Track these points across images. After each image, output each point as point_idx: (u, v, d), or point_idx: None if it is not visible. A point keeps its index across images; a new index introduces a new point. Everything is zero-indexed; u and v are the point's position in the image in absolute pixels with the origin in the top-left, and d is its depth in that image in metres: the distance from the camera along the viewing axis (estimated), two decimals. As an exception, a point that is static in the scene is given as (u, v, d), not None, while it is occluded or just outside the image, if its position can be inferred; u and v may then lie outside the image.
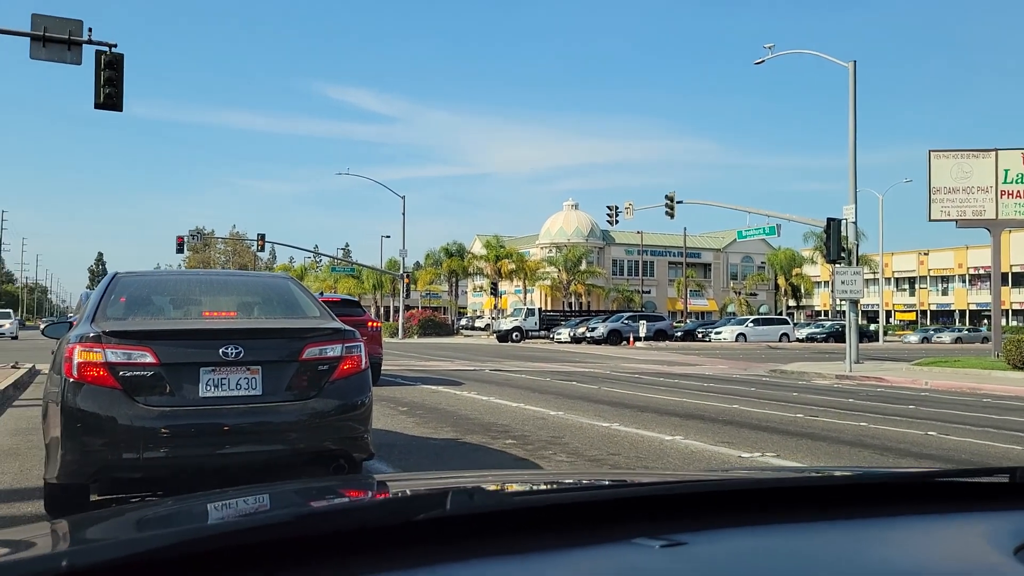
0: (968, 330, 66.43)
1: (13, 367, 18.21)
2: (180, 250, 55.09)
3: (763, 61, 30.88)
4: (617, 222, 39.89)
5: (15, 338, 46.67)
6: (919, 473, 1.53)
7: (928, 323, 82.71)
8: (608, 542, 1.04)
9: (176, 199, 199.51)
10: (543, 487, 1.50)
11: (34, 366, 18.28)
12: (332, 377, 5.43)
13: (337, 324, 5.74)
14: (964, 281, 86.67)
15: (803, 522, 1.18)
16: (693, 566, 1.00)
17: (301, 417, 5.26)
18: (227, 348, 5.12)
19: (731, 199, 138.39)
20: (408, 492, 1.42)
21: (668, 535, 1.04)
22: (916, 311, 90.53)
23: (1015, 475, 1.35)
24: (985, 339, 61.69)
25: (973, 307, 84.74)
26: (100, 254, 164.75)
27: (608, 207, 38.78)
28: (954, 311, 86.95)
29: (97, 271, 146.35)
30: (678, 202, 35.55)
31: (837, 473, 1.65)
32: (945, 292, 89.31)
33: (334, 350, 5.48)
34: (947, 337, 61.60)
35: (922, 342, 59.23)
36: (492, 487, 1.32)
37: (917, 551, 1.12)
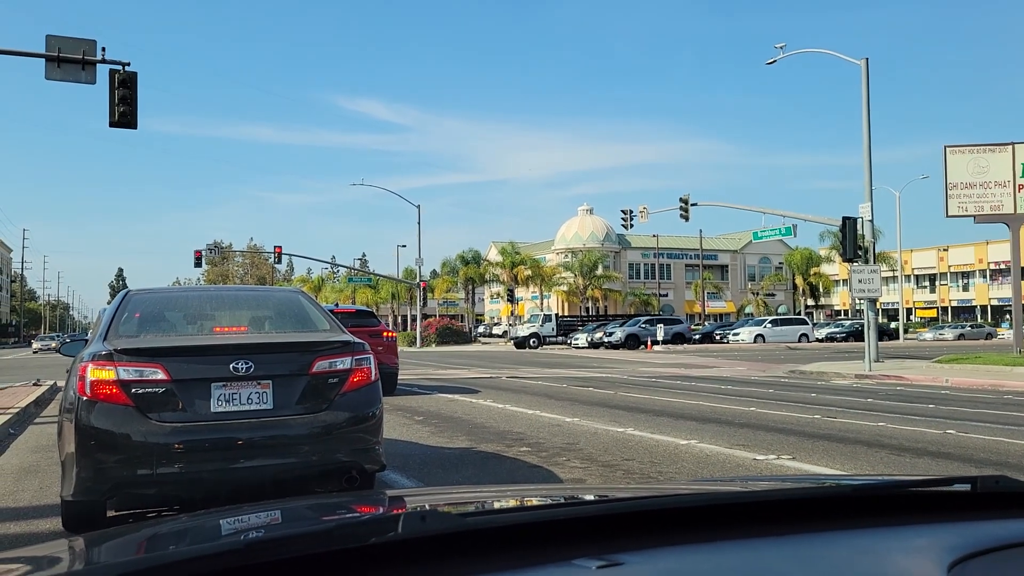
0: (971, 326, 65.78)
1: (35, 384, 18.42)
2: (198, 264, 55.32)
3: (775, 61, 30.78)
4: (632, 226, 39.78)
5: None
6: (880, 484, 1.52)
7: (949, 319, 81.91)
8: (550, 563, 1.05)
9: (194, 213, 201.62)
10: (501, 507, 1.52)
11: (55, 383, 18.47)
12: (342, 390, 5.47)
13: (347, 337, 5.77)
14: (985, 276, 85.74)
15: (748, 539, 1.18)
16: None
17: (312, 430, 5.30)
18: (237, 363, 5.17)
19: (746, 200, 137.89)
20: (382, 512, 1.45)
21: (611, 555, 1.05)
22: (937, 308, 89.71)
23: (976, 484, 1.35)
24: (989, 335, 61.05)
25: (995, 302, 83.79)
26: (120, 270, 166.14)
27: (623, 211, 38.75)
28: (975, 307, 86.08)
29: (117, 287, 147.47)
30: (692, 204, 35.47)
31: (799, 487, 1.65)
32: (966, 288, 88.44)
33: (344, 363, 5.52)
34: (949, 334, 61.02)
35: (935, 340, 58.76)
36: (459, 507, 1.34)
37: (850, 569, 1.12)
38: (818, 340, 54.73)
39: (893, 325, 64.68)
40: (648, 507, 1.25)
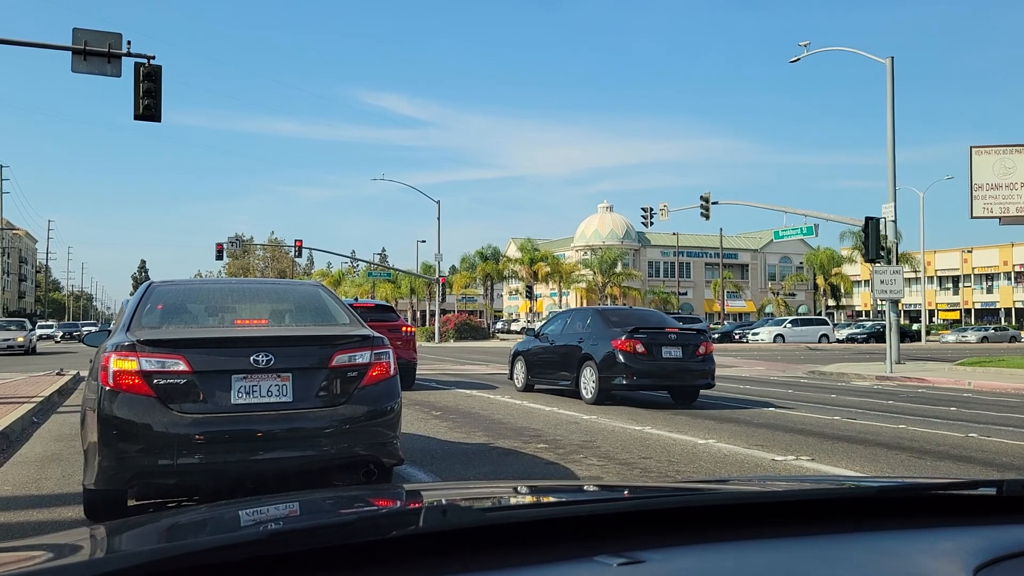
0: (995, 329, 64.95)
1: (58, 374, 18.64)
2: (220, 257, 55.87)
3: (799, 59, 30.57)
4: (652, 223, 39.73)
5: None
6: (904, 486, 1.51)
7: (972, 322, 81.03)
8: (571, 559, 1.05)
9: (216, 206, 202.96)
10: (522, 503, 1.52)
11: (78, 373, 18.68)
12: (361, 383, 5.49)
13: (366, 331, 5.80)
14: (1010, 279, 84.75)
15: (770, 539, 1.18)
16: None
17: (331, 423, 5.33)
18: (258, 356, 5.20)
19: (767, 199, 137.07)
20: (402, 506, 1.45)
21: (633, 552, 1.05)
22: (960, 310, 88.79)
23: (1002, 488, 1.33)
24: (1013, 338, 60.26)
25: (1019, 305, 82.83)
26: (143, 261, 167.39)
27: (643, 208, 38.70)
28: (999, 309, 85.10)
29: (140, 278, 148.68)
30: (713, 203, 35.30)
31: (821, 487, 1.64)
32: (990, 290, 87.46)
33: (363, 357, 5.54)
34: (972, 336, 60.27)
35: (958, 342, 58.13)
36: (480, 502, 1.34)
37: (873, 570, 1.11)
38: (838, 341, 54.39)
39: (915, 327, 64.20)
40: (670, 505, 1.24)
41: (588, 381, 13.63)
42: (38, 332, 55.60)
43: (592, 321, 14.42)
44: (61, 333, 63.86)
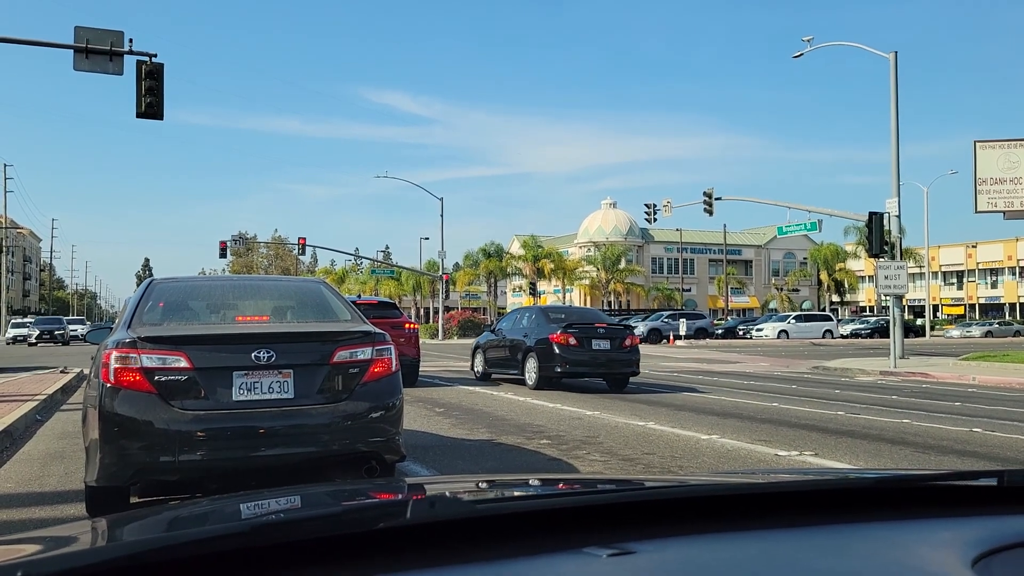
0: (999, 324, 64.76)
1: (62, 372, 18.67)
2: (223, 255, 55.86)
3: (802, 54, 30.51)
4: (655, 220, 39.72)
5: None
6: (904, 477, 1.49)
7: (977, 317, 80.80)
8: (561, 551, 1.04)
9: (220, 205, 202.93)
10: (511, 495, 1.51)
11: (82, 371, 18.70)
12: (363, 380, 5.49)
13: (367, 327, 5.79)
14: (1014, 274, 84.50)
15: (765, 529, 1.16)
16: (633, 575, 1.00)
17: (333, 420, 5.32)
18: (259, 352, 5.20)
19: (771, 195, 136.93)
20: (393, 498, 1.45)
21: (623, 543, 1.04)
22: (964, 305, 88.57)
23: (1003, 479, 1.32)
24: (1017, 333, 60.14)
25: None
26: (147, 260, 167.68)
27: (646, 205, 38.73)
28: (1004, 304, 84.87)
29: (144, 276, 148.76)
30: (717, 199, 35.26)
31: (820, 478, 1.62)
32: (994, 285, 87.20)
33: (364, 353, 5.54)
34: (977, 331, 60.16)
35: (962, 337, 57.95)
36: (470, 494, 1.33)
37: (870, 560, 1.09)
38: (843, 336, 54.34)
39: (919, 322, 64.04)
40: (660, 496, 1.23)
41: (530, 370, 15.57)
42: (11, 332, 46.66)
43: (536, 318, 16.48)
44: (38, 332, 47.25)
